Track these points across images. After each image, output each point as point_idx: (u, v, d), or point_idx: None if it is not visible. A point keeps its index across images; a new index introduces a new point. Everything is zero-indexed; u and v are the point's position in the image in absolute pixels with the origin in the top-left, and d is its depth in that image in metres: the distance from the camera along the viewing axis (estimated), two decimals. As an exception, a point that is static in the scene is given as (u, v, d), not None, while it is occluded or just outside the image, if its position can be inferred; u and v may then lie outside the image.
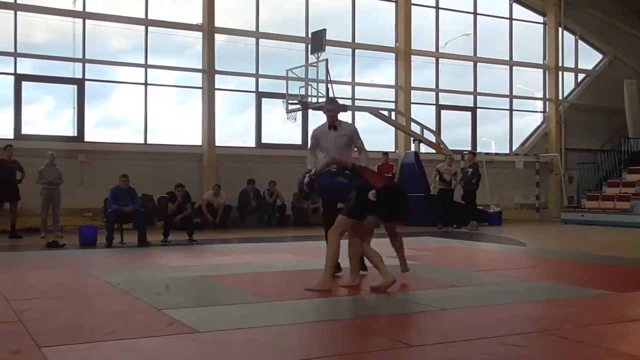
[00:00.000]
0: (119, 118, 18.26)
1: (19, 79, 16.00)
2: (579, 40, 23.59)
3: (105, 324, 5.14)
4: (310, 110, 17.70)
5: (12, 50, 15.89)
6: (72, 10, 16.55)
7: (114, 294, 6.64)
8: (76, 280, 7.88)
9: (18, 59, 16.05)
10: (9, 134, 15.78)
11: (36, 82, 16.48)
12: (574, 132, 22.88)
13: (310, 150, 8.09)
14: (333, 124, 7.81)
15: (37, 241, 12.51)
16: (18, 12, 15.89)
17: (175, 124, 18.26)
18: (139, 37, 17.31)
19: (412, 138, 18.96)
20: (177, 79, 18.34)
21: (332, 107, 7.91)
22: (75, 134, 16.54)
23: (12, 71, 15.96)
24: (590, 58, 24.07)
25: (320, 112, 17.09)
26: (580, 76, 24.00)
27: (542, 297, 6.51)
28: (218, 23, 17.92)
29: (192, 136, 17.77)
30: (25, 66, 16.37)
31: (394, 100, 20.43)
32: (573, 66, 23.60)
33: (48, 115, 17.46)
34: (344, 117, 19.08)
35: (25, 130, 16.00)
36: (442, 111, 21.34)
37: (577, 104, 23.43)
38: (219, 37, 18.26)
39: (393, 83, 20.58)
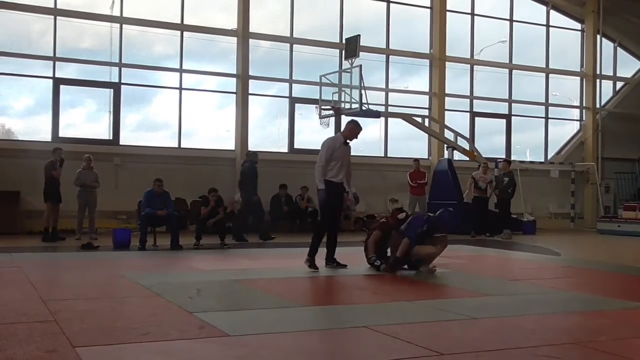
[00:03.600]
0: (157, 122, 18.53)
1: (57, 82, 16.27)
2: (618, 48, 23.24)
3: (137, 326, 5.20)
4: (343, 116, 17.69)
5: (51, 54, 16.18)
6: (110, 15, 16.80)
7: (146, 296, 6.71)
8: (109, 282, 7.98)
9: (58, 63, 16.35)
10: (47, 136, 16.07)
11: (74, 86, 16.73)
12: (611, 141, 22.52)
13: (326, 162, 8.80)
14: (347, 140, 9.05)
15: (72, 243, 12.70)
16: (58, 17, 16.18)
17: (214, 128, 18.46)
18: (179, 42, 17.50)
19: (445, 145, 18.83)
20: (219, 85, 18.47)
21: (361, 128, 9.11)
22: (111, 138, 16.76)
23: (51, 75, 16.24)
24: (629, 66, 23.68)
25: (356, 119, 17.21)
26: (619, 84, 23.63)
27: (576, 308, 6.42)
28: (259, 29, 18.04)
29: (229, 141, 17.92)
30: (68, 70, 16.66)
31: (427, 106, 20.34)
32: (611, 74, 23.24)
33: (85, 119, 17.75)
34: (376, 123, 19.12)
35: (63, 133, 16.26)
36: (477, 118, 21.18)
37: (615, 113, 23.08)
38: (264, 44, 18.51)
39: (427, 90, 20.48)
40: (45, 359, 4.18)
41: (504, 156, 20.20)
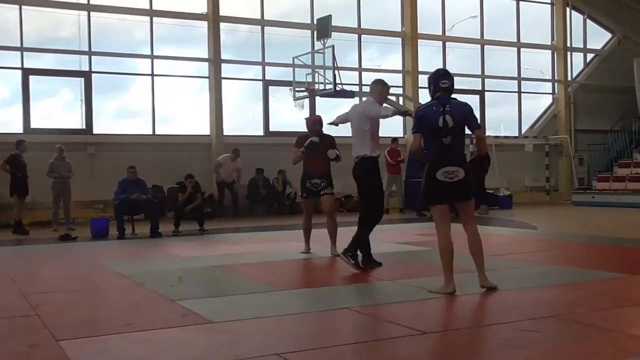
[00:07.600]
0: (134, 110, 18.33)
1: (26, 73, 16.00)
2: (588, 20, 23.39)
3: (120, 316, 5.19)
4: (317, 97, 17.66)
5: (19, 44, 15.89)
6: (76, 2, 16.50)
7: (127, 286, 6.68)
8: (90, 272, 7.94)
9: (29, 53, 16.06)
10: (18, 128, 15.83)
11: (43, 76, 16.48)
12: (583, 113, 22.74)
13: None
14: None
15: (49, 234, 12.59)
16: (23, 7, 15.86)
17: (189, 114, 18.30)
18: (155, 28, 17.26)
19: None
20: (195, 70, 18.26)
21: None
22: (84, 127, 16.55)
23: (19, 65, 15.97)
24: (599, 37, 23.85)
25: (330, 100, 17.23)
26: (589, 56, 23.79)
27: (554, 281, 6.51)
28: (229, 13, 17.86)
29: (205, 126, 17.79)
30: (40, 61, 16.41)
31: (401, 85, 20.35)
32: (582, 46, 23.41)
33: (57, 109, 17.51)
34: (350, 103, 19.07)
35: (35, 124, 16.02)
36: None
37: (586, 85, 23.28)
38: (237, 28, 18.40)
39: (400, 68, 20.49)
40: (29, 354, 4.16)
41: (478, 132, 20.31)
